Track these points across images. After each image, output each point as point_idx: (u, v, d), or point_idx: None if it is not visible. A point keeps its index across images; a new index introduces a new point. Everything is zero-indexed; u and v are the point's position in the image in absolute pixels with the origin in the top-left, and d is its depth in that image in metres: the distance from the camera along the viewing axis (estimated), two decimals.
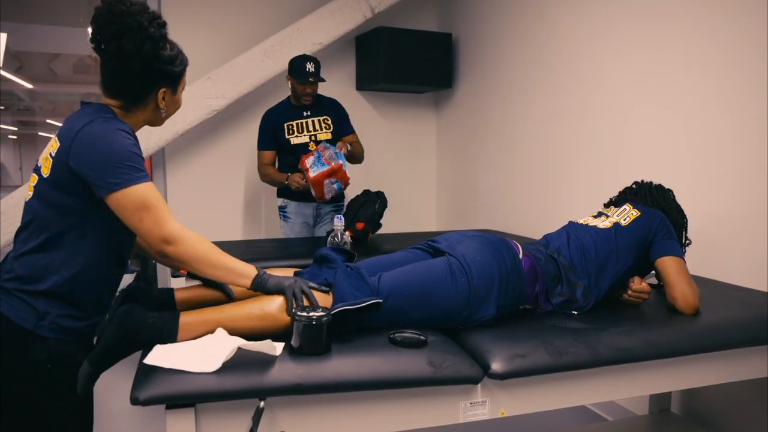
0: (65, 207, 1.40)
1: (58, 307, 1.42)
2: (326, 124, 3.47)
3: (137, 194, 1.35)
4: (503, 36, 3.87)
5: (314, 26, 3.96)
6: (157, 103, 1.51)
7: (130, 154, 1.37)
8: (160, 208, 1.37)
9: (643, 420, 2.55)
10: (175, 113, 1.61)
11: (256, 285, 1.46)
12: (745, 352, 1.74)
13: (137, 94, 1.48)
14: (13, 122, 18.01)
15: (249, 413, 1.26)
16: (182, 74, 1.55)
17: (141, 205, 1.35)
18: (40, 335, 1.40)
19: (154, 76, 1.47)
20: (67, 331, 1.44)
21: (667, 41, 2.62)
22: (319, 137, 3.43)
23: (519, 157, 3.76)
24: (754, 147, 2.24)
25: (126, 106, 1.49)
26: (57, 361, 1.42)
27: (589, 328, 1.65)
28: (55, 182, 1.40)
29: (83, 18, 5.85)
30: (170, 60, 1.48)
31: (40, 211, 1.43)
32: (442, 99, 4.70)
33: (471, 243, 1.71)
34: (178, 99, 1.58)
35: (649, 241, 1.89)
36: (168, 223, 1.36)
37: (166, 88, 1.51)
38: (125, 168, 1.35)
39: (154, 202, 1.36)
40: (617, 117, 2.93)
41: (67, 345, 1.44)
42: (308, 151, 3.33)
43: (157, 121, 1.57)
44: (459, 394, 1.44)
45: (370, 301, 1.48)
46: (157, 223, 1.35)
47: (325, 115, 3.48)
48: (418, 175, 4.82)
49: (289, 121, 3.44)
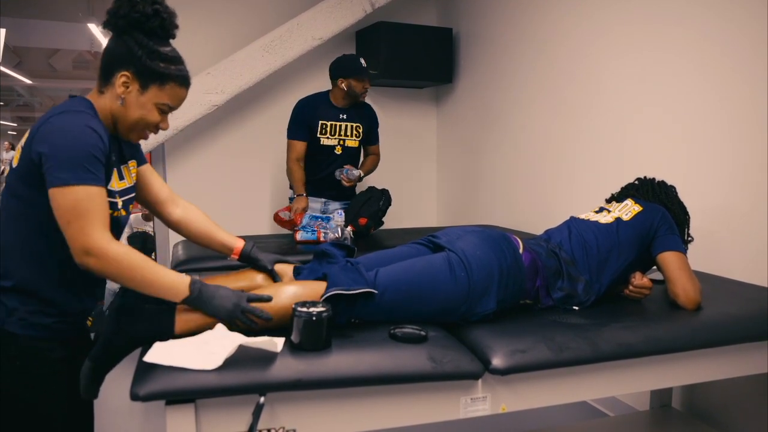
0: (29, 199, 1.34)
1: (27, 303, 1.38)
2: (357, 132, 3.47)
3: (74, 196, 1.26)
4: (504, 31, 3.86)
5: (314, 21, 3.95)
6: (116, 88, 1.38)
7: (86, 154, 1.28)
8: (93, 217, 1.27)
9: (644, 415, 2.55)
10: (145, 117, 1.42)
11: (191, 302, 1.36)
12: (746, 348, 1.73)
13: (105, 68, 1.40)
14: (13, 118, 18.01)
15: (249, 409, 1.25)
16: (161, 77, 1.39)
17: (72, 208, 1.26)
18: (10, 331, 1.37)
19: (120, 50, 1.37)
20: (38, 327, 1.39)
21: (668, 37, 2.61)
22: (347, 143, 3.45)
23: (520, 152, 3.75)
24: (755, 142, 2.24)
25: (99, 87, 1.41)
26: (29, 357, 1.39)
27: (590, 323, 1.65)
28: (19, 173, 1.35)
29: (82, 13, 5.83)
30: (150, 49, 1.37)
31: (7, 203, 1.38)
32: (442, 94, 4.69)
33: (471, 238, 1.71)
34: (145, 104, 1.40)
35: (650, 237, 1.89)
36: (94, 235, 1.26)
37: (130, 74, 1.37)
38: (75, 166, 1.27)
39: (89, 208, 1.27)
40: (618, 112, 2.92)
41: (40, 342, 1.40)
42: (334, 154, 3.40)
43: (120, 117, 1.41)
44: (459, 390, 1.44)
45: (363, 289, 1.47)
46: (83, 232, 1.26)
47: (358, 122, 3.47)
48: (418, 170, 4.81)
49: (324, 119, 3.41)
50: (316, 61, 4.30)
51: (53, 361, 1.40)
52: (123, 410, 2.85)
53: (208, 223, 1.71)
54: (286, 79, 4.24)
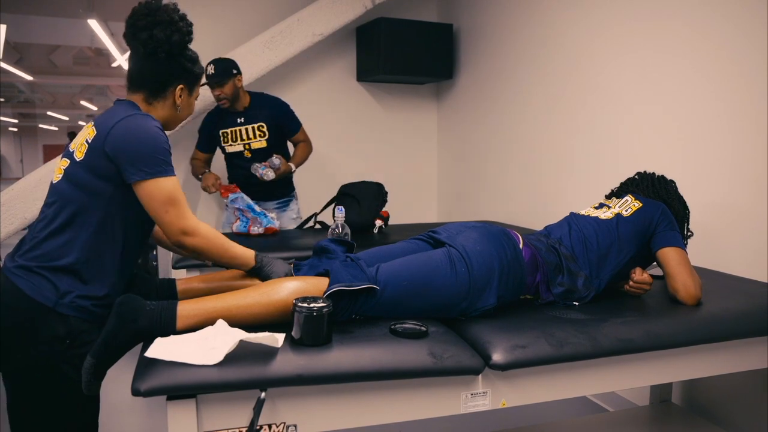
0: (95, 189, 1.49)
1: (78, 287, 1.49)
2: (261, 132, 3.37)
3: (167, 186, 1.47)
4: (504, 27, 3.86)
5: (314, 17, 3.95)
6: (174, 100, 1.62)
7: (163, 149, 1.49)
8: (183, 202, 1.50)
9: (643, 411, 2.55)
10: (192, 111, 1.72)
11: (255, 271, 1.64)
12: (746, 343, 1.74)
13: (159, 85, 1.59)
14: (14, 114, 17.99)
15: (250, 404, 1.26)
16: (199, 78, 1.69)
17: (168, 197, 1.47)
18: (60, 312, 1.47)
19: (176, 69, 1.60)
20: (83, 310, 1.50)
21: (668, 33, 2.61)
22: (254, 146, 3.37)
23: (520, 148, 3.75)
24: (755, 138, 2.23)
25: (148, 99, 1.60)
26: (76, 336, 1.49)
27: (590, 318, 1.65)
28: (88, 166, 1.49)
29: (83, 9, 5.82)
30: (192, 59, 1.64)
31: (68, 192, 1.51)
32: (443, 90, 4.69)
33: (471, 233, 1.71)
34: (192, 103, 1.70)
35: (650, 232, 1.89)
36: (188, 217, 1.50)
37: (184, 86, 1.63)
38: (158, 160, 1.47)
39: (179, 196, 1.49)
40: (618, 108, 2.92)
41: (84, 323, 1.50)
42: (244, 158, 3.37)
43: (172, 119, 1.67)
44: (460, 385, 1.44)
45: (365, 285, 1.48)
46: (180, 216, 1.49)
47: (260, 121, 3.36)
48: (418, 166, 4.81)
49: (224, 128, 3.39)
50: (316, 57, 4.30)
51: (91, 342, 1.48)
52: (124, 405, 2.86)
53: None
54: (287, 76, 4.24)
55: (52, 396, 1.51)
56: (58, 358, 1.48)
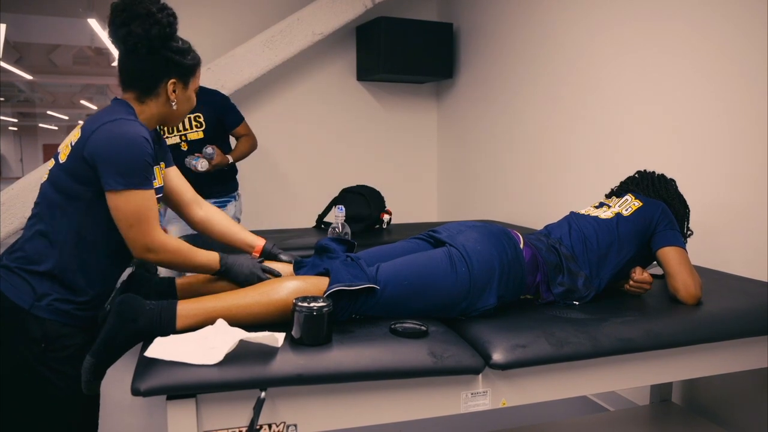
0: (74, 193, 1.45)
1: (57, 291, 1.46)
2: (197, 122, 3.20)
3: (135, 201, 1.42)
4: (504, 26, 3.85)
5: (314, 16, 3.95)
6: (167, 96, 1.55)
7: (142, 162, 1.43)
8: (151, 218, 1.44)
9: (644, 410, 2.55)
10: (191, 105, 1.64)
11: (222, 275, 1.61)
12: (746, 343, 1.74)
13: (147, 83, 1.52)
14: (13, 114, 17.97)
15: (250, 404, 1.26)
16: (193, 69, 1.59)
17: (134, 213, 1.42)
18: (36, 315, 1.44)
19: (161, 64, 1.51)
20: (62, 313, 1.47)
21: (668, 32, 2.61)
22: (190, 137, 3.20)
23: (520, 148, 3.75)
24: (755, 137, 2.23)
25: (140, 97, 1.54)
26: (52, 340, 1.46)
27: (590, 318, 1.65)
28: (68, 170, 1.46)
29: (83, 9, 5.81)
30: (180, 51, 1.53)
31: (50, 195, 1.48)
32: (443, 89, 4.68)
33: (472, 233, 1.71)
34: (190, 96, 1.62)
35: (650, 232, 1.89)
36: (153, 234, 1.45)
37: (176, 80, 1.55)
38: (134, 172, 1.41)
39: (147, 213, 1.43)
40: (618, 107, 2.92)
41: (63, 327, 1.47)
42: (181, 151, 3.18)
43: (170, 116, 1.60)
44: (460, 385, 1.44)
45: (365, 285, 1.48)
46: (144, 233, 1.44)
47: (196, 112, 3.17)
48: (419, 165, 4.81)
49: None
50: (316, 56, 4.30)
51: (72, 346, 1.47)
52: (124, 405, 2.86)
53: (230, 223, 1.81)
54: (287, 75, 4.23)
55: (31, 399, 1.47)
56: (35, 360, 1.45)
